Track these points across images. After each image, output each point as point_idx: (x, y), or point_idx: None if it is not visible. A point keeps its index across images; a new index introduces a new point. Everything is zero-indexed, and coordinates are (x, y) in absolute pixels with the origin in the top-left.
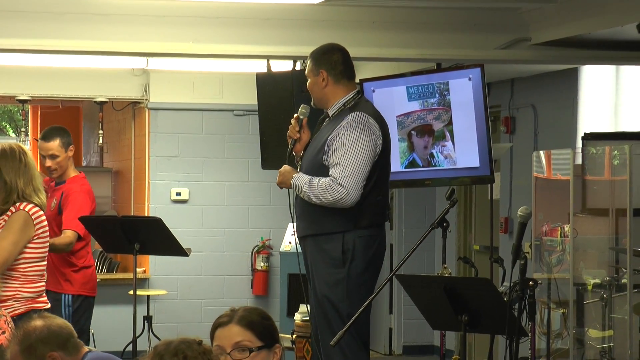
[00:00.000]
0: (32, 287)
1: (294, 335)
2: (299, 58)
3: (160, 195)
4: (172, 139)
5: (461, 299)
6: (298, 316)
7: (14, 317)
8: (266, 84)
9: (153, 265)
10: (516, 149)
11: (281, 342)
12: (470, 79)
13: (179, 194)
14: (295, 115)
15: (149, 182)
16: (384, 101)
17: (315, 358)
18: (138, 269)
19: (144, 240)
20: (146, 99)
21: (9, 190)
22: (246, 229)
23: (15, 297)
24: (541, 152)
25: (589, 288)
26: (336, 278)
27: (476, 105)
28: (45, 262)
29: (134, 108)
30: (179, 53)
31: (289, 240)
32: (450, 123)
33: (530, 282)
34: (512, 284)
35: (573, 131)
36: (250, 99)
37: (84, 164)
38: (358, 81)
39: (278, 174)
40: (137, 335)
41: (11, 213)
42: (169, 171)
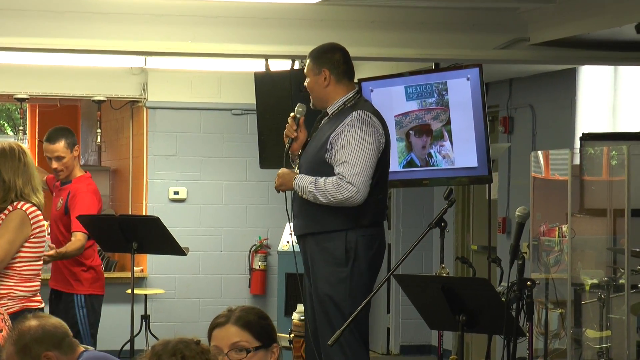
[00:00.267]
0: (27, 286)
1: (292, 335)
2: (297, 57)
3: (158, 194)
4: (170, 138)
5: (459, 299)
6: (296, 315)
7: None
8: (264, 83)
9: (151, 264)
10: (514, 149)
11: (279, 342)
12: (468, 79)
13: (177, 193)
14: (291, 114)
15: (147, 181)
16: (383, 101)
17: (312, 358)
18: (136, 268)
19: (141, 239)
20: (144, 98)
21: (7, 189)
22: (244, 228)
23: (9, 296)
24: (539, 152)
25: (587, 288)
26: (339, 277)
27: (474, 105)
28: (41, 262)
29: (132, 107)
30: (177, 52)
31: (287, 239)
32: (448, 123)
33: (528, 282)
34: (510, 284)
35: (571, 131)
36: (248, 98)
37: (82, 162)
38: (357, 81)
39: (276, 177)
40: (135, 334)
41: (8, 212)
42: (167, 170)
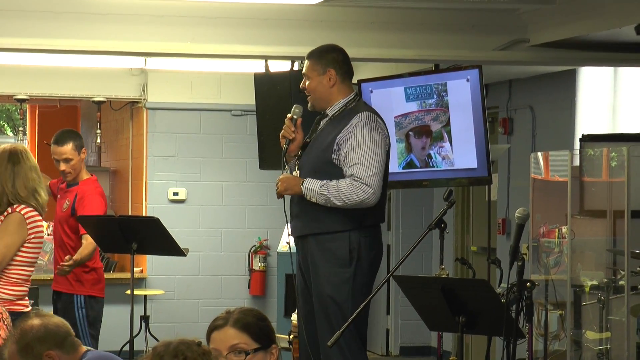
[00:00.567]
0: (13, 290)
1: (291, 336)
2: (297, 58)
3: (157, 195)
4: (170, 139)
5: (458, 300)
6: (295, 316)
7: None
8: (264, 84)
9: (150, 265)
10: (514, 150)
11: (278, 343)
12: (468, 80)
13: (176, 193)
14: (288, 115)
15: (146, 182)
16: (382, 102)
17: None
18: (135, 269)
19: (141, 240)
20: (144, 99)
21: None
22: (244, 229)
23: None
24: (539, 154)
25: (587, 290)
26: (342, 278)
27: (474, 106)
28: (32, 268)
29: (131, 108)
30: (177, 53)
31: (287, 240)
32: (448, 124)
33: (528, 284)
34: (510, 286)
35: (571, 132)
36: (248, 99)
37: None
38: (356, 82)
39: (279, 183)
40: (135, 335)
41: (7, 214)
42: (167, 171)
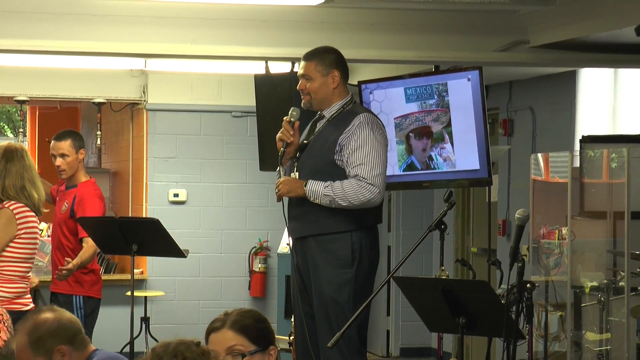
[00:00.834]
0: (10, 288)
1: (292, 337)
2: (297, 60)
3: (158, 197)
4: (170, 140)
5: (459, 302)
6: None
7: None
8: (264, 85)
9: (151, 266)
10: (514, 152)
11: (277, 344)
12: (469, 80)
13: (176, 195)
14: (285, 118)
15: (146, 183)
16: (382, 103)
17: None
18: (136, 270)
19: (141, 242)
20: (144, 100)
21: None
22: (244, 231)
23: None
24: (539, 155)
25: (587, 291)
26: (344, 278)
27: (475, 107)
28: (28, 264)
29: (132, 109)
30: (177, 54)
31: (287, 242)
32: (449, 125)
33: (528, 285)
34: (510, 287)
35: (571, 134)
36: (248, 100)
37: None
38: (356, 83)
39: (280, 186)
40: (135, 336)
41: None
42: (167, 172)
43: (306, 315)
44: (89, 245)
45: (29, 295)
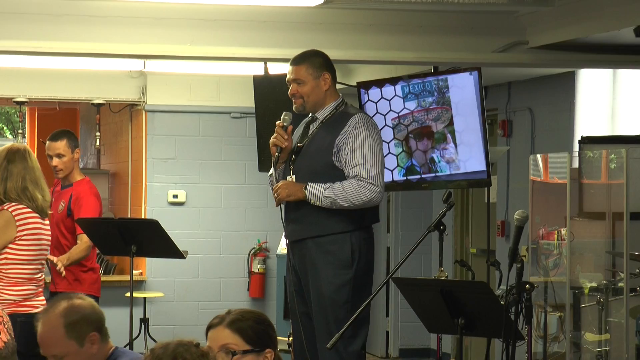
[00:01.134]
0: (16, 290)
1: (291, 338)
2: None
3: (157, 198)
4: (169, 141)
5: (458, 302)
6: None
7: None
8: (263, 86)
9: (150, 267)
10: (513, 152)
11: (277, 347)
12: (471, 74)
13: (175, 196)
14: (277, 122)
15: (146, 184)
16: (378, 103)
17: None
18: (135, 271)
19: (140, 243)
20: (143, 101)
21: None
22: (243, 232)
23: None
24: (538, 156)
25: (586, 292)
26: (343, 279)
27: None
28: (33, 266)
29: (131, 110)
30: (176, 55)
31: (286, 243)
32: (451, 123)
33: (527, 286)
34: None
35: (570, 135)
36: (247, 101)
37: (81, 166)
38: (355, 84)
39: (279, 190)
40: (134, 337)
41: None
42: (166, 173)
43: (302, 315)
44: (83, 241)
45: (42, 297)
